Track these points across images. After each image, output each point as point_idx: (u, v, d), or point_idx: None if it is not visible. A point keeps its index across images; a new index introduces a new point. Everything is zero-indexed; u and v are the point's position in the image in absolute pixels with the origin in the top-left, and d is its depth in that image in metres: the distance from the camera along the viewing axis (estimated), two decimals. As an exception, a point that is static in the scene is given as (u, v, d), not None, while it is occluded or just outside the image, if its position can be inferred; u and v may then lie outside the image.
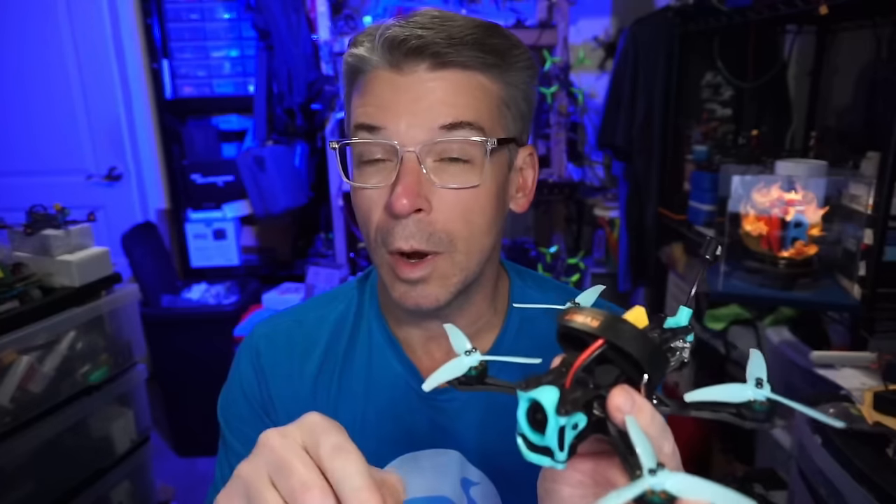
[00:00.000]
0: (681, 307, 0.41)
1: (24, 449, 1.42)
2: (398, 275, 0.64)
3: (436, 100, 0.60)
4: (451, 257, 0.64)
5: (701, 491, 0.29)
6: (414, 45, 0.59)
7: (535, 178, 0.72)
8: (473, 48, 0.60)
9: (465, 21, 0.62)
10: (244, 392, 0.75)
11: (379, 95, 0.61)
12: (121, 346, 1.70)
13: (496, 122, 0.64)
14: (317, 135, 2.75)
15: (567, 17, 2.35)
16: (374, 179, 0.63)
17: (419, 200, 0.60)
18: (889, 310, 1.33)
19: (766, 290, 1.54)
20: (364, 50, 0.63)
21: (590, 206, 2.71)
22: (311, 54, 2.52)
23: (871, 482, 0.97)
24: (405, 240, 0.61)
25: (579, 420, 0.34)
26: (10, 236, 1.54)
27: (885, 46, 1.77)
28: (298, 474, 0.36)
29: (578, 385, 0.35)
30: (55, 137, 2.91)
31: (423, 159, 0.61)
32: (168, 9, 2.81)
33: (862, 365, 1.26)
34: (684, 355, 0.40)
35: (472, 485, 0.72)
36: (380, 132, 0.61)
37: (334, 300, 0.80)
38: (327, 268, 2.52)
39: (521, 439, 0.35)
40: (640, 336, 0.34)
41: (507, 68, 0.64)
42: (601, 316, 0.35)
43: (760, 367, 0.36)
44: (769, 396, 0.35)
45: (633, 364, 0.35)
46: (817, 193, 1.52)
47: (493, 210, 0.65)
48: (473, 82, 0.62)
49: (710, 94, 2.24)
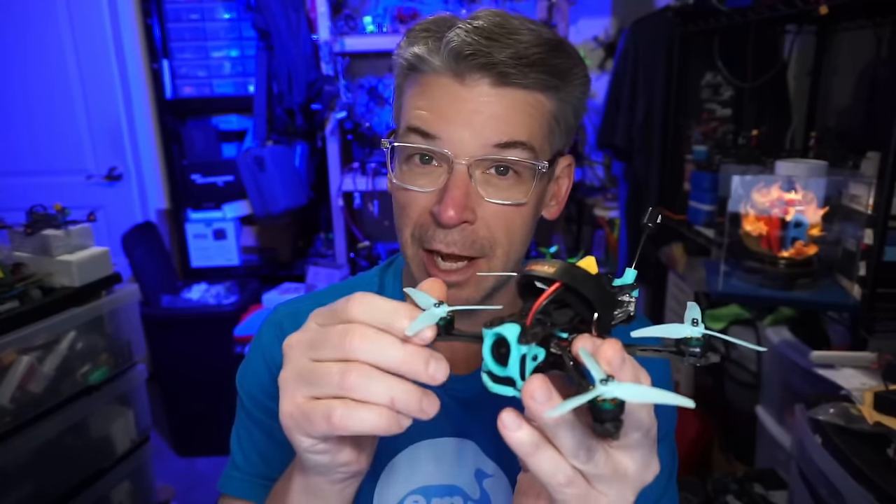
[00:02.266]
0: (627, 269, 0.45)
1: (24, 449, 1.42)
2: (433, 275, 0.65)
3: (493, 115, 0.61)
4: (489, 262, 0.65)
5: (646, 395, 0.33)
6: (482, 61, 0.59)
7: (570, 187, 0.73)
8: (538, 70, 0.61)
9: (531, 36, 0.61)
10: (267, 364, 0.76)
11: (437, 102, 0.62)
12: (121, 346, 1.70)
13: (545, 138, 0.65)
14: (317, 135, 2.75)
15: (567, 17, 2.35)
16: (420, 181, 0.64)
17: (466, 213, 0.61)
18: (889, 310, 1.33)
19: (766, 290, 1.54)
20: (425, 51, 0.62)
21: (590, 206, 2.71)
22: (311, 54, 2.52)
23: (871, 482, 0.97)
24: (446, 245, 0.63)
25: (538, 353, 0.38)
26: (10, 236, 1.54)
27: (885, 46, 1.77)
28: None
29: (537, 324, 0.39)
30: (55, 137, 2.91)
31: (473, 171, 0.62)
32: (168, 9, 2.81)
33: (862, 365, 1.26)
34: (630, 308, 0.44)
35: (486, 476, 0.73)
36: (434, 140, 0.61)
37: (355, 287, 0.80)
38: (327, 268, 2.53)
39: (485, 375, 0.39)
40: (591, 278, 0.39)
41: (566, 87, 0.65)
42: (558, 263, 0.39)
43: (696, 312, 0.41)
44: (703, 332, 0.40)
45: (585, 304, 0.39)
46: (817, 193, 1.52)
47: (532, 222, 0.67)
48: (531, 100, 0.62)
49: (710, 94, 2.24)
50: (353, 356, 0.42)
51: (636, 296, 0.44)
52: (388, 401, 0.41)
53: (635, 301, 0.44)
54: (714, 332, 0.40)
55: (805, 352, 1.48)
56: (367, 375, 0.41)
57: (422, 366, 0.41)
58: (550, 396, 0.35)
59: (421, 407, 0.42)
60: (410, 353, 0.41)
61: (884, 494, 0.94)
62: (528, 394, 0.35)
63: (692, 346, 0.39)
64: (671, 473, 0.75)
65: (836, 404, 1.13)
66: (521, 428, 0.37)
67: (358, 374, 0.41)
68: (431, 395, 0.42)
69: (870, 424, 1.06)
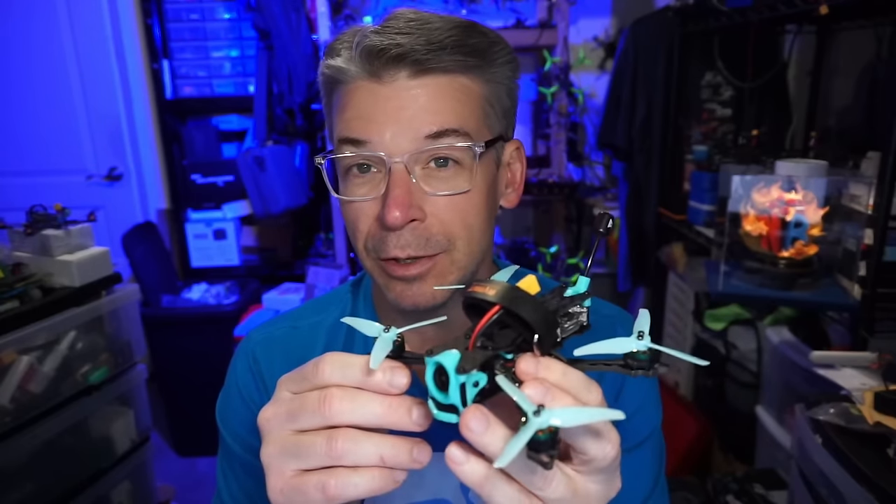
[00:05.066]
0: (580, 277, 0.44)
1: (24, 449, 1.42)
2: (392, 274, 0.63)
3: (419, 108, 0.59)
4: (450, 255, 0.63)
5: (579, 417, 0.34)
6: (393, 53, 0.58)
7: (524, 172, 0.72)
8: (454, 52, 0.59)
9: (442, 22, 0.61)
10: (242, 398, 0.75)
11: (360, 107, 0.60)
12: (121, 346, 1.70)
13: (481, 123, 0.63)
14: (317, 135, 2.75)
15: (567, 17, 2.35)
16: (361, 191, 0.62)
17: (412, 211, 0.60)
18: (889, 310, 1.33)
19: (766, 290, 1.54)
20: (341, 61, 0.61)
21: (590, 206, 2.71)
22: (311, 54, 2.52)
23: (871, 482, 0.97)
24: (401, 248, 0.61)
25: (479, 378, 0.37)
26: (10, 236, 1.54)
27: (886, 46, 1.77)
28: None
29: (479, 348, 0.39)
30: (55, 137, 2.91)
31: (411, 168, 0.60)
32: (168, 9, 2.81)
33: (862, 365, 1.26)
34: (582, 319, 0.43)
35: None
36: (365, 145, 0.60)
37: (329, 306, 0.79)
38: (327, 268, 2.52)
39: (431, 401, 0.39)
40: (529, 300, 0.39)
41: (489, 66, 0.63)
42: (497, 286, 0.39)
43: (644, 323, 0.41)
44: (649, 346, 0.39)
45: (526, 326, 0.38)
46: (817, 193, 1.52)
47: (486, 210, 0.65)
48: (456, 86, 0.61)
49: (710, 94, 2.24)
50: (334, 421, 0.41)
51: (589, 305, 0.43)
52: (378, 460, 0.41)
53: (587, 311, 0.43)
54: (660, 347, 0.39)
55: (805, 352, 1.48)
56: (353, 440, 0.41)
57: (405, 416, 0.41)
58: (488, 426, 0.35)
59: (412, 457, 0.41)
60: (392, 406, 0.41)
61: (884, 494, 0.94)
62: (465, 425, 0.35)
63: (639, 359, 0.39)
64: (658, 473, 0.74)
65: (836, 404, 1.13)
66: (468, 461, 0.37)
67: (344, 440, 0.41)
68: (422, 444, 0.42)
69: (870, 424, 1.06)
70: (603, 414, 0.34)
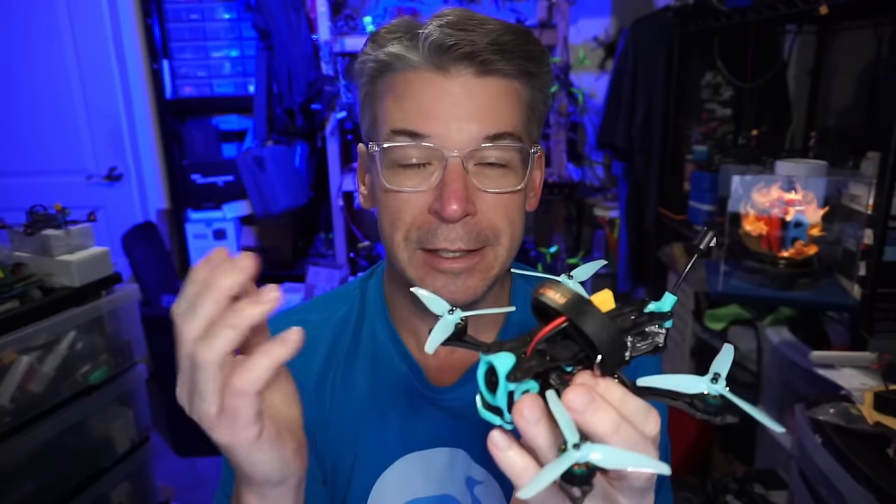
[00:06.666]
0: (666, 293, 0.42)
1: (24, 449, 1.42)
2: (437, 267, 0.64)
3: (481, 107, 0.61)
4: (495, 251, 0.65)
5: (620, 460, 0.32)
6: (466, 50, 0.59)
7: (542, 178, 0.74)
8: (517, 56, 0.61)
9: (500, 25, 0.62)
10: None
11: (423, 99, 0.61)
12: (121, 346, 1.70)
13: (526, 127, 0.65)
14: (317, 135, 2.75)
15: (567, 17, 2.35)
16: (411, 182, 0.63)
17: (468, 205, 0.62)
18: (889, 310, 1.33)
19: (766, 290, 1.54)
20: (401, 49, 0.62)
21: (590, 206, 2.71)
22: (311, 54, 2.52)
23: (871, 482, 0.97)
24: (451, 241, 0.63)
25: (530, 387, 0.36)
26: (10, 236, 1.54)
27: (886, 46, 1.77)
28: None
29: (537, 355, 0.37)
30: (55, 137, 2.90)
31: (466, 164, 0.62)
32: (168, 9, 2.81)
33: (862, 365, 1.26)
34: (658, 340, 0.40)
35: (477, 483, 0.72)
36: (424, 138, 0.61)
37: (337, 301, 0.79)
38: (327, 268, 2.53)
39: (478, 397, 0.38)
40: (599, 319, 0.36)
41: (537, 73, 0.65)
42: (569, 294, 0.36)
43: (725, 363, 0.38)
44: (722, 393, 0.36)
45: (590, 344, 0.36)
46: (817, 193, 1.52)
47: (524, 211, 0.69)
48: (511, 90, 0.63)
49: (710, 94, 2.24)
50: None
51: (669, 326, 0.40)
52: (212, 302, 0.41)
53: (666, 333, 0.40)
54: (734, 398, 0.36)
55: (805, 352, 1.48)
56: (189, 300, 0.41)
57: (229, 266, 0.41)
58: (541, 419, 0.35)
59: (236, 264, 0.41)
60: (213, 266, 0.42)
61: (884, 494, 0.94)
62: (518, 411, 0.35)
63: (708, 403, 0.36)
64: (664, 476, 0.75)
65: (836, 404, 1.13)
66: (511, 448, 0.37)
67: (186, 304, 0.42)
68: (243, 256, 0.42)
69: (870, 424, 1.06)
70: (647, 464, 0.32)
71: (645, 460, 0.32)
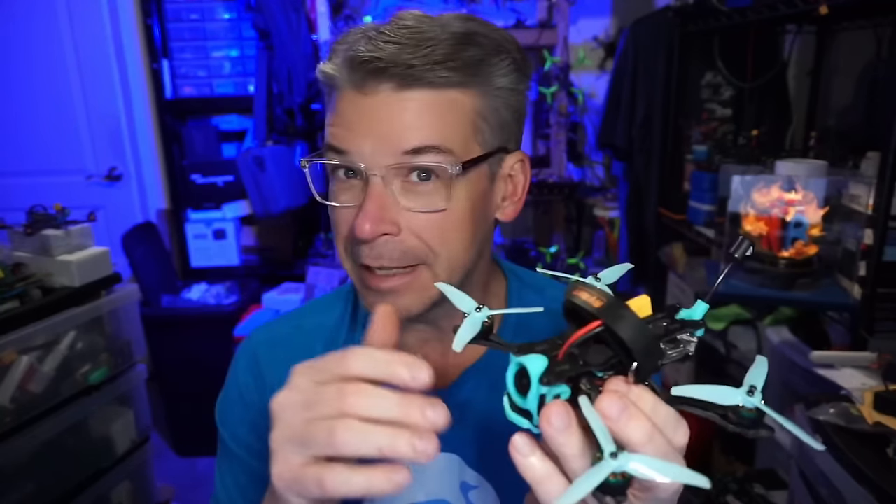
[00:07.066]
0: (698, 300, 0.40)
1: (24, 449, 1.42)
2: (367, 284, 0.63)
3: (400, 122, 0.58)
4: (432, 269, 0.62)
5: (659, 470, 0.31)
6: (375, 66, 0.56)
7: (527, 185, 0.70)
8: (443, 67, 0.57)
9: (439, 32, 0.58)
10: (243, 399, 0.75)
11: (344, 116, 0.60)
12: (121, 346, 1.70)
13: (469, 138, 0.61)
14: (317, 135, 2.75)
15: (567, 17, 2.35)
16: (343, 197, 0.62)
17: (383, 225, 0.59)
18: (889, 310, 1.33)
19: (766, 290, 1.54)
20: (331, 67, 0.61)
21: (590, 206, 2.71)
22: (311, 54, 2.52)
23: (871, 482, 0.97)
24: (373, 259, 0.61)
25: (562, 391, 0.35)
26: (10, 236, 1.54)
27: (886, 46, 1.77)
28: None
29: (569, 359, 0.36)
30: (55, 137, 2.91)
31: (389, 181, 0.59)
32: (168, 9, 2.81)
33: (862, 365, 1.26)
34: (689, 349, 0.40)
35: (472, 488, 0.72)
36: (346, 155, 0.60)
37: (331, 306, 0.79)
38: (327, 268, 2.52)
39: (506, 398, 0.37)
40: (637, 325, 0.35)
41: (485, 80, 0.61)
42: (605, 298, 0.35)
43: (760, 375, 0.37)
44: (758, 406, 0.35)
45: (625, 350, 0.35)
46: (817, 193, 1.52)
47: (471, 226, 0.63)
48: (442, 100, 0.59)
49: (710, 94, 2.24)
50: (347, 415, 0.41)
51: (700, 335, 0.40)
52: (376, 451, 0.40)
53: (696, 341, 0.39)
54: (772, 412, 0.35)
55: (805, 352, 1.48)
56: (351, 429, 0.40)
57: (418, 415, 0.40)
58: (569, 426, 0.34)
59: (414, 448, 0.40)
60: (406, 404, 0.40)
61: (884, 494, 0.94)
62: (546, 417, 0.34)
63: (742, 416, 0.36)
64: None
65: (836, 404, 1.13)
66: (533, 454, 0.35)
67: (344, 430, 0.40)
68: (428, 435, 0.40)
69: (870, 424, 1.06)
70: (685, 476, 0.31)
71: (683, 472, 0.31)
